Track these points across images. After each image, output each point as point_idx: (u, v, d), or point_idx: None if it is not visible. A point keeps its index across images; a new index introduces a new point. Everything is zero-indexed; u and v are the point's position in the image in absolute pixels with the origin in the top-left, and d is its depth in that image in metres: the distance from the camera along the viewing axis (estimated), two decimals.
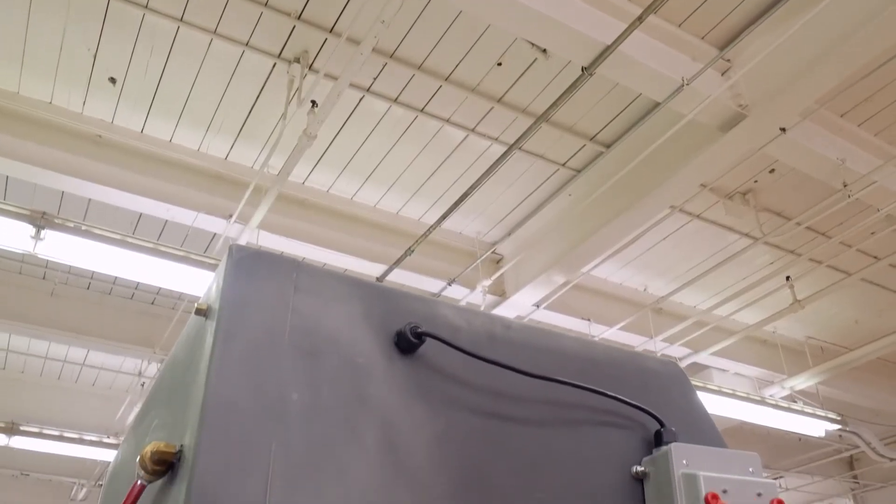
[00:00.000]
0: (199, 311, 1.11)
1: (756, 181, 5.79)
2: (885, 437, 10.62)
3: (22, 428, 8.78)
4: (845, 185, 5.14)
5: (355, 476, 0.99)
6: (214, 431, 0.93)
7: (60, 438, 9.08)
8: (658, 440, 1.25)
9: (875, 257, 6.71)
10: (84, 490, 11.76)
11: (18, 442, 8.83)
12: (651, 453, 1.24)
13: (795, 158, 5.07)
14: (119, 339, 7.22)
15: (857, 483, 12.72)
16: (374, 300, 1.15)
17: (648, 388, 1.32)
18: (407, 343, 1.11)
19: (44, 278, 7.03)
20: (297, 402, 1.00)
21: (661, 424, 1.26)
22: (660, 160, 5.03)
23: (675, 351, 7.37)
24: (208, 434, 0.93)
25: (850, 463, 12.53)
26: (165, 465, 1.01)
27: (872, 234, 6.26)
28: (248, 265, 1.08)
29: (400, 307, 1.17)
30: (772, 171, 5.68)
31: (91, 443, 9.09)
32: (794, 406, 7.85)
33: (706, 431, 1.36)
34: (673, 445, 1.20)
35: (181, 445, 1.00)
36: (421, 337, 1.11)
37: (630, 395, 1.27)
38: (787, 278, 6.83)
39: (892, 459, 10.50)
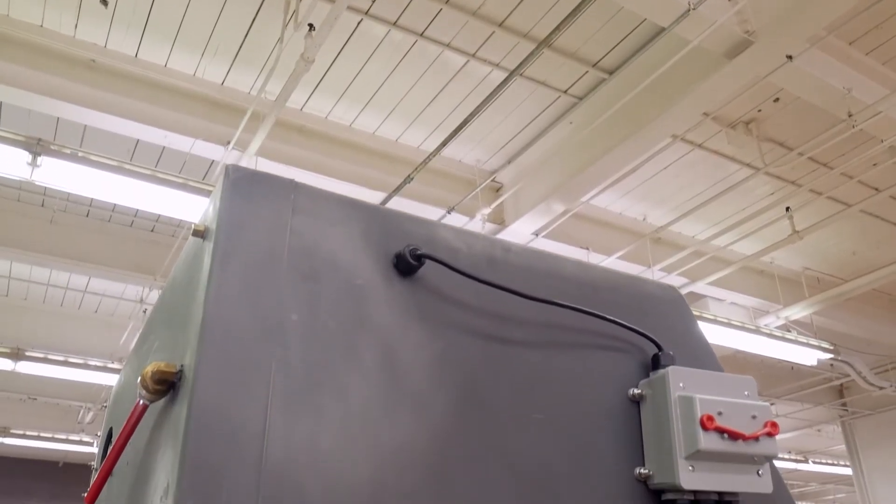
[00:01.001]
0: (196, 233, 1.10)
1: (759, 110, 5.72)
2: (876, 367, 10.80)
3: (27, 353, 8.91)
4: (850, 115, 5.07)
5: (355, 395, 1.00)
6: (214, 351, 0.93)
7: (65, 363, 9.22)
8: (655, 363, 1.26)
9: (875, 189, 6.68)
10: (91, 413, 12.03)
11: (25, 367, 8.97)
12: (648, 376, 1.26)
13: (801, 87, 4.98)
14: (119, 266, 7.25)
15: (846, 410, 13.00)
16: (373, 222, 1.14)
17: (647, 312, 1.33)
18: (406, 265, 1.11)
19: (42, 206, 7.01)
20: (297, 322, 1.00)
21: (659, 348, 1.27)
22: (663, 88, 4.94)
23: (673, 280, 7.41)
24: (208, 353, 0.93)
25: (840, 391, 12.79)
26: (166, 385, 1.02)
27: (874, 165, 6.21)
28: (245, 185, 1.07)
29: (399, 229, 1.16)
30: (776, 100, 5.59)
31: (96, 368, 9.24)
32: (788, 335, 7.95)
33: (703, 356, 1.37)
34: (670, 369, 1.21)
35: (181, 365, 1.01)
36: (420, 259, 1.11)
37: (629, 318, 1.27)
38: (787, 209, 6.82)
39: (881, 388, 10.70)
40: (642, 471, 1.19)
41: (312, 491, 0.92)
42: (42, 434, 13.02)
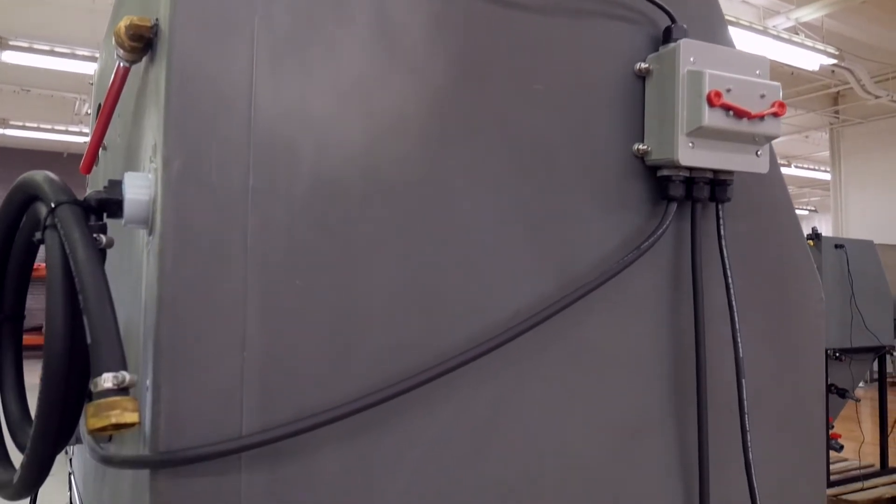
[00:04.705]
0: None
1: None
2: (877, 75, 10.67)
3: (11, 42, 8.64)
4: None
5: (346, 56, 0.94)
6: (189, 2, 0.85)
7: (52, 53, 9.00)
8: (667, 36, 1.18)
9: None
10: (86, 105, 11.99)
11: (10, 57, 8.76)
12: (657, 50, 1.18)
13: None
14: None
15: (837, 118, 13.11)
16: None
17: None
18: None
19: None
20: None
21: (672, 20, 1.18)
22: None
23: None
24: (183, 2, 0.85)
25: (835, 99, 12.77)
26: (143, 42, 0.95)
27: None
28: None
29: None
30: None
31: (84, 58, 9.03)
32: (795, 38, 7.72)
33: (718, 31, 1.28)
34: (682, 42, 1.14)
35: (156, 18, 0.93)
36: None
37: None
38: None
39: (877, 97, 10.69)
40: (641, 146, 1.17)
41: (304, 149, 0.89)
42: (41, 126, 13.12)
